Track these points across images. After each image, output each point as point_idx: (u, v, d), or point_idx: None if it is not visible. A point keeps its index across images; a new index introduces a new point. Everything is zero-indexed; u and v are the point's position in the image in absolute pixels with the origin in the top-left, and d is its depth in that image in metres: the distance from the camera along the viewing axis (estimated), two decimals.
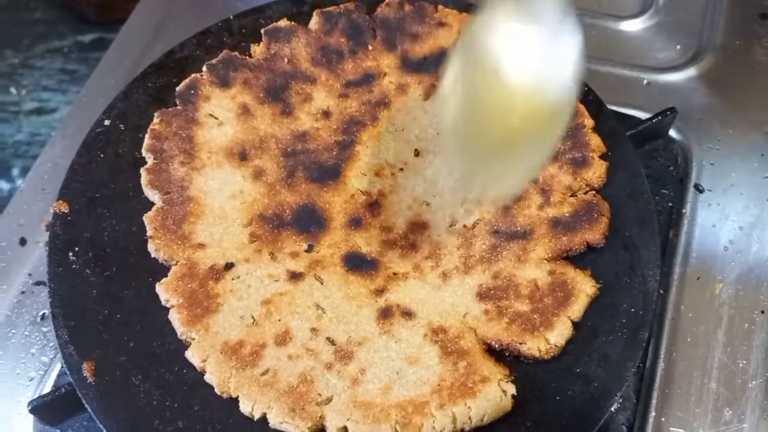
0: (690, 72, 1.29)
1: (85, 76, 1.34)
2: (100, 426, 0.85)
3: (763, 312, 1.04)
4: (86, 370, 0.87)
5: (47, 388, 1.01)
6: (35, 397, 0.97)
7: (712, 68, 1.30)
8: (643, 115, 1.19)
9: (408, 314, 0.92)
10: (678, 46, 1.34)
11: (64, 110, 1.86)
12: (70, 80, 1.99)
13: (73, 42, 2.05)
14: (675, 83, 1.28)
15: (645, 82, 1.28)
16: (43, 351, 1.04)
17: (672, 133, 1.21)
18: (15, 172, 1.79)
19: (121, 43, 1.37)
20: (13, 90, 1.95)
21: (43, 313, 1.06)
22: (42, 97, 1.96)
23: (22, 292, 1.08)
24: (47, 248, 0.96)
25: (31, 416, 0.96)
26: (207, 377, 0.87)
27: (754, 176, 1.17)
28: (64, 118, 1.30)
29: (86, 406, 0.86)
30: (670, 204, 1.14)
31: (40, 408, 0.94)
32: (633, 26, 1.37)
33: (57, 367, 1.03)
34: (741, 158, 1.19)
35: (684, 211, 1.13)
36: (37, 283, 1.08)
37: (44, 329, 1.05)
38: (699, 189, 1.15)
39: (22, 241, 1.13)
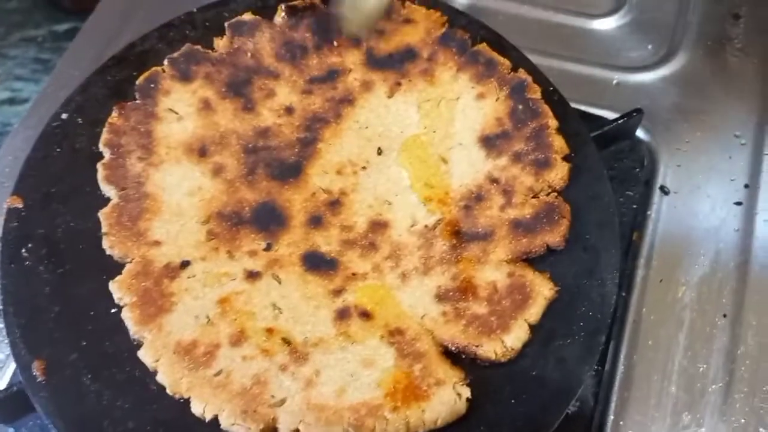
0: (660, 72, 1.29)
1: None
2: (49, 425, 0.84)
3: (725, 316, 1.04)
4: (36, 368, 0.86)
5: (2, 385, 1.00)
6: None
7: (683, 69, 1.29)
8: (611, 115, 1.19)
9: (365, 315, 0.91)
10: (649, 46, 1.33)
11: None
12: (44, 70, 1.96)
13: (48, 31, 2.02)
14: (645, 83, 1.27)
15: (615, 81, 1.27)
16: None
17: (639, 133, 1.20)
18: None
19: (88, 33, 1.34)
20: None
21: None
22: (14, 87, 1.93)
23: None
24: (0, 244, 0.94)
25: None
26: (159, 377, 0.86)
27: (720, 179, 1.17)
28: (28, 109, 1.27)
29: (35, 405, 0.85)
30: (635, 206, 1.14)
31: None
32: (605, 25, 1.36)
33: (13, 365, 1.01)
34: (708, 160, 1.18)
35: (649, 212, 1.13)
36: None
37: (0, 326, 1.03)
38: (665, 191, 1.15)
39: None
